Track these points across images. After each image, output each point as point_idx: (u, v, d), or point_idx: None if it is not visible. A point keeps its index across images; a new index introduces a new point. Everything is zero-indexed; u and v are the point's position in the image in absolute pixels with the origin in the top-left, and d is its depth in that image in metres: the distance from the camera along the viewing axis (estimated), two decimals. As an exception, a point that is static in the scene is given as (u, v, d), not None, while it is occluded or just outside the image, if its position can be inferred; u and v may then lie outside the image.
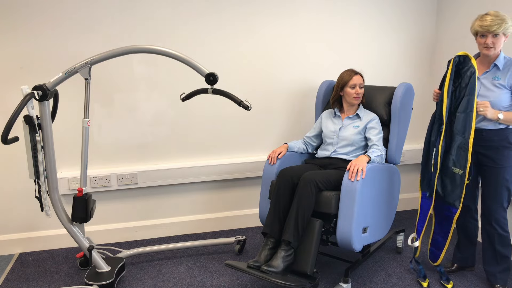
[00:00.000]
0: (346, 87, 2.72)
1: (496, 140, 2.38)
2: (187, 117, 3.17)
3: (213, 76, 2.34)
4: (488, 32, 2.27)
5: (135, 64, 3.00)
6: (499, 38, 2.28)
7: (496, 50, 2.31)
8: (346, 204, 2.36)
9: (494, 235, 2.47)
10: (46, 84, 2.28)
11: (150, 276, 2.74)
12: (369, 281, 2.66)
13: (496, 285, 2.52)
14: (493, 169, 2.41)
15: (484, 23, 2.27)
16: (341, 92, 2.77)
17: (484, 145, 2.42)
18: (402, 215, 3.70)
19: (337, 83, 2.78)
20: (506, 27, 2.24)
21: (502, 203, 2.43)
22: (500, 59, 2.35)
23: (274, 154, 2.75)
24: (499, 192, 2.41)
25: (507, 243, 2.46)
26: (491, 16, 2.27)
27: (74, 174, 3.01)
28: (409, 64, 3.55)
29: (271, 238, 2.43)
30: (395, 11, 3.41)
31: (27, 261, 2.93)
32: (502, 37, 2.28)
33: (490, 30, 2.26)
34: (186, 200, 3.32)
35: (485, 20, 2.27)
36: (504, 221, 2.45)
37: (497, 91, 2.34)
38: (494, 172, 2.41)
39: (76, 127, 2.99)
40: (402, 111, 2.74)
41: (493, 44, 2.29)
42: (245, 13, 3.11)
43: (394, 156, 2.76)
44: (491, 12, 2.28)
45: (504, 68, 2.34)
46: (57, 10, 2.80)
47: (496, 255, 2.49)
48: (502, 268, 2.50)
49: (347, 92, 2.73)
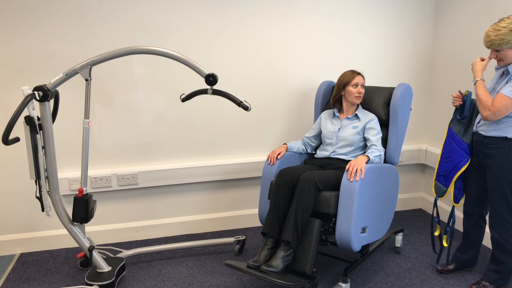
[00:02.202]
0: (348, 86, 2.73)
1: (494, 148, 2.34)
2: (187, 118, 3.19)
3: (213, 77, 2.35)
4: (489, 48, 2.25)
5: (136, 65, 3.02)
6: (503, 53, 2.22)
7: (506, 62, 2.25)
8: (345, 204, 2.38)
9: (493, 240, 2.47)
10: (47, 85, 2.29)
11: (150, 276, 2.75)
12: (368, 281, 2.67)
13: (483, 281, 2.54)
14: (493, 179, 2.37)
15: (484, 39, 2.24)
16: (343, 92, 2.78)
17: (485, 151, 2.40)
18: (401, 215, 3.71)
19: (339, 82, 2.79)
20: (503, 43, 2.17)
21: (503, 214, 2.38)
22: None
23: (274, 154, 2.76)
24: (502, 204, 2.38)
25: (505, 250, 2.43)
26: (492, 30, 2.20)
27: (74, 174, 3.02)
28: (408, 65, 3.56)
29: (271, 238, 2.44)
30: (394, 13, 3.43)
31: (28, 261, 2.94)
32: (508, 51, 2.20)
33: (489, 47, 2.24)
34: (186, 200, 3.33)
35: (487, 35, 2.22)
36: (505, 230, 2.40)
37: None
38: (494, 182, 2.37)
39: (76, 128, 3.00)
40: (400, 111, 2.75)
41: (498, 57, 2.25)
42: (245, 14, 3.12)
43: (393, 156, 2.77)
44: (499, 24, 2.18)
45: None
46: (57, 11, 2.82)
47: (493, 256, 2.50)
48: (494, 268, 2.50)
49: (349, 91, 2.74)
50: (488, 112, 2.23)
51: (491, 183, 2.40)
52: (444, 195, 2.63)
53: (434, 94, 3.60)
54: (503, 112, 2.20)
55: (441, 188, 2.65)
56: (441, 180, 2.64)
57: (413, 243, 3.16)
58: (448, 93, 3.43)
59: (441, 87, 3.50)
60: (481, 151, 2.42)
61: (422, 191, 3.86)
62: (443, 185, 2.63)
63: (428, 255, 2.97)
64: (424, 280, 2.68)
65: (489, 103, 2.22)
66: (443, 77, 3.47)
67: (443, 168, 2.62)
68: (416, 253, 3.01)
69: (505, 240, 2.41)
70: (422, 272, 2.76)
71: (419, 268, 2.81)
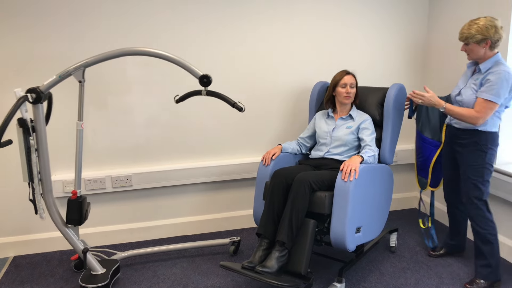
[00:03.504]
0: (338, 86, 2.75)
1: (466, 139, 2.51)
2: (181, 119, 3.18)
3: (207, 78, 2.35)
4: (461, 40, 2.44)
5: (129, 67, 3.01)
6: (470, 47, 2.40)
7: (472, 57, 2.44)
8: (339, 204, 2.38)
9: (473, 231, 2.55)
10: (40, 87, 2.28)
11: (145, 277, 2.74)
12: (363, 281, 2.68)
13: (476, 279, 2.58)
14: (465, 166, 2.53)
15: (459, 31, 2.44)
16: (334, 92, 2.79)
17: (458, 142, 2.57)
18: (395, 214, 3.72)
19: (330, 83, 2.80)
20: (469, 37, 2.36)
21: (473, 201, 2.51)
22: (485, 64, 2.43)
23: (268, 155, 2.76)
24: (471, 189, 2.51)
25: (485, 240, 2.50)
26: (467, 25, 2.39)
27: (68, 176, 3.00)
28: (402, 65, 3.58)
29: (265, 239, 2.44)
30: (388, 13, 3.44)
31: (22, 264, 2.92)
32: (475, 46, 2.38)
33: (459, 39, 2.44)
34: (181, 201, 3.32)
35: (461, 29, 2.42)
36: (480, 218, 2.50)
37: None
38: (466, 168, 2.53)
39: (70, 130, 2.99)
40: (394, 111, 2.76)
41: (466, 51, 2.45)
42: (239, 16, 3.12)
43: (387, 156, 2.78)
44: (474, 21, 2.38)
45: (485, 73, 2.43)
46: (50, 13, 2.80)
47: (477, 250, 2.57)
48: (482, 263, 2.56)
49: (338, 92, 2.75)
50: (479, 121, 2.37)
51: (463, 169, 2.55)
52: (427, 186, 2.96)
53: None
54: (489, 114, 2.36)
55: (422, 180, 2.99)
56: (421, 173, 2.98)
57: (408, 243, 3.17)
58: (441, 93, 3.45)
59: (434, 87, 3.52)
60: (455, 141, 2.60)
61: (416, 191, 3.87)
62: (424, 177, 2.96)
63: (423, 254, 2.99)
64: (418, 279, 2.69)
65: (472, 113, 2.37)
66: (437, 77, 3.49)
67: (419, 163, 2.98)
68: (411, 253, 3.02)
69: (483, 229, 2.50)
70: (417, 272, 2.77)
71: (414, 268, 2.82)
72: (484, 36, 2.33)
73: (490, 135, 2.44)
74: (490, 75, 2.35)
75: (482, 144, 2.44)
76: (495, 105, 2.33)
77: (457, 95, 2.55)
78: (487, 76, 2.37)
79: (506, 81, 2.32)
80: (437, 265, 2.85)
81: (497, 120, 2.44)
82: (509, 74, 2.32)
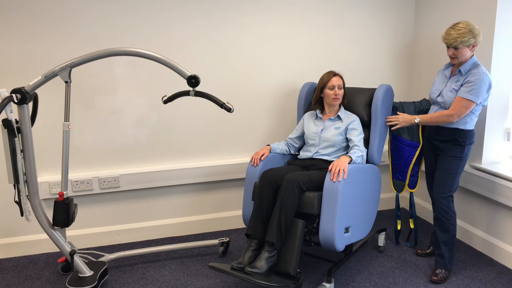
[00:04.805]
0: (325, 88, 2.76)
1: (446, 136, 2.63)
2: (169, 120, 3.16)
3: (195, 78, 2.35)
4: (449, 45, 2.49)
5: (116, 67, 2.98)
6: (461, 50, 2.47)
7: (460, 60, 2.52)
8: (328, 204, 2.39)
9: (436, 220, 2.66)
10: (25, 87, 2.25)
11: (133, 279, 2.72)
12: (352, 280, 2.69)
13: (437, 269, 2.69)
14: (442, 158, 2.66)
15: (446, 37, 2.49)
16: (322, 94, 2.80)
17: (438, 138, 2.68)
18: (383, 214, 3.75)
19: (318, 84, 2.81)
20: (464, 41, 2.43)
21: (445, 191, 2.62)
22: (465, 66, 2.53)
23: (257, 155, 2.76)
24: (445, 180, 2.62)
25: (444, 228, 2.63)
26: (453, 30, 2.46)
27: (55, 178, 2.97)
28: (389, 66, 3.61)
29: (255, 240, 2.44)
30: (375, 15, 3.46)
31: (7, 267, 2.88)
32: (465, 49, 2.47)
33: (451, 44, 2.47)
34: (169, 202, 3.31)
35: (449, 34, 2.47)
36: (444, 207, 2.62)
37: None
38: (443, 160, 2.65)
39: (56, 131, 2.95)
40: (382, 112, 2.78)
41: (455, 55, 2.51)
42: (227, 17, 3.12)
43: (375, 157, 2.80)
44: (458, 25, 2.46)
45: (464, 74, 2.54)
46: (36, 13, 2.77)
47: (436, 239, 2.67)
48: (440, 252, 2.67)
49: (326, 94, 2.76)
50: (454, 118, 2.52)
51: (440, 163, 2.67)
52: (404, 189, 3.05)
53: (415, 94, 3.64)
54: (464, 112, 2.50)
55: (399, 183, 3.07)
56: (397, 176, 3.06)
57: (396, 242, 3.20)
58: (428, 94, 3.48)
59: (420, 87, 3.55)
60: (435, 138, 2.71)
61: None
62: (401, 180, 3.05)
63: (411, 254, 3.01)
64: (407, 278, 2.71)
65: (445, 113, 2.53)
66: (424, 77, 3.52)
67: (397, 166, 3.05)
68: (399, 252, 3.04)
69: (444, 218, 2.62)
70: (405, 271, 2.80)
71: (402, 267, 2.84)
72: (475, 39, 2.45)
73: (469, 132, 2.59)
74: (470, 76, 2.49)
75: (461, 141, 2.58)
76: (472, 104, 2.48)
77: (437, 96, 2.66)
78: (467, 77, 2.50)
79: (485, 83, 2.47)
80: (425, 264, 2.87)
81: (475, 119, 2.60)
82: (487, 76, 2.47)
